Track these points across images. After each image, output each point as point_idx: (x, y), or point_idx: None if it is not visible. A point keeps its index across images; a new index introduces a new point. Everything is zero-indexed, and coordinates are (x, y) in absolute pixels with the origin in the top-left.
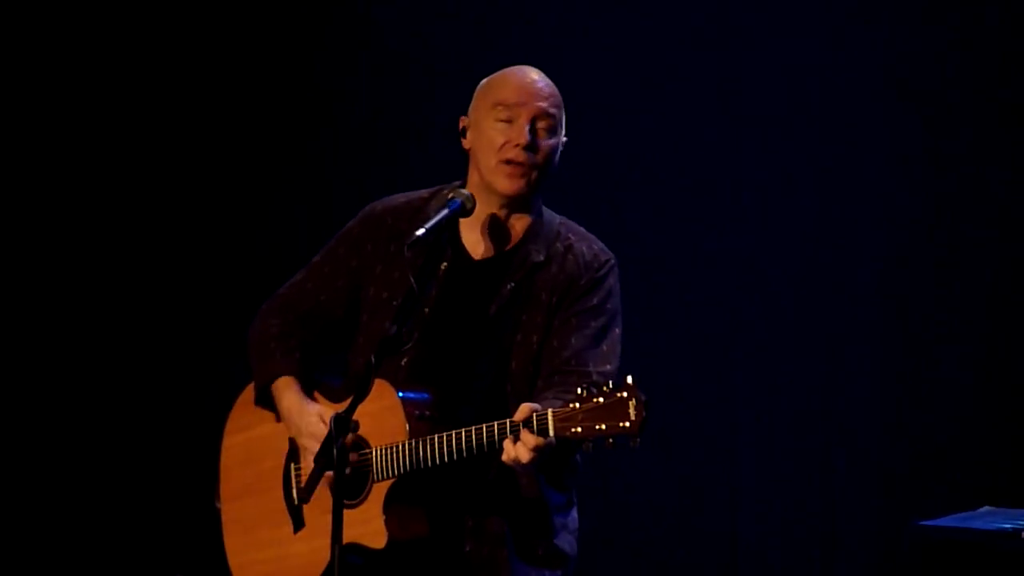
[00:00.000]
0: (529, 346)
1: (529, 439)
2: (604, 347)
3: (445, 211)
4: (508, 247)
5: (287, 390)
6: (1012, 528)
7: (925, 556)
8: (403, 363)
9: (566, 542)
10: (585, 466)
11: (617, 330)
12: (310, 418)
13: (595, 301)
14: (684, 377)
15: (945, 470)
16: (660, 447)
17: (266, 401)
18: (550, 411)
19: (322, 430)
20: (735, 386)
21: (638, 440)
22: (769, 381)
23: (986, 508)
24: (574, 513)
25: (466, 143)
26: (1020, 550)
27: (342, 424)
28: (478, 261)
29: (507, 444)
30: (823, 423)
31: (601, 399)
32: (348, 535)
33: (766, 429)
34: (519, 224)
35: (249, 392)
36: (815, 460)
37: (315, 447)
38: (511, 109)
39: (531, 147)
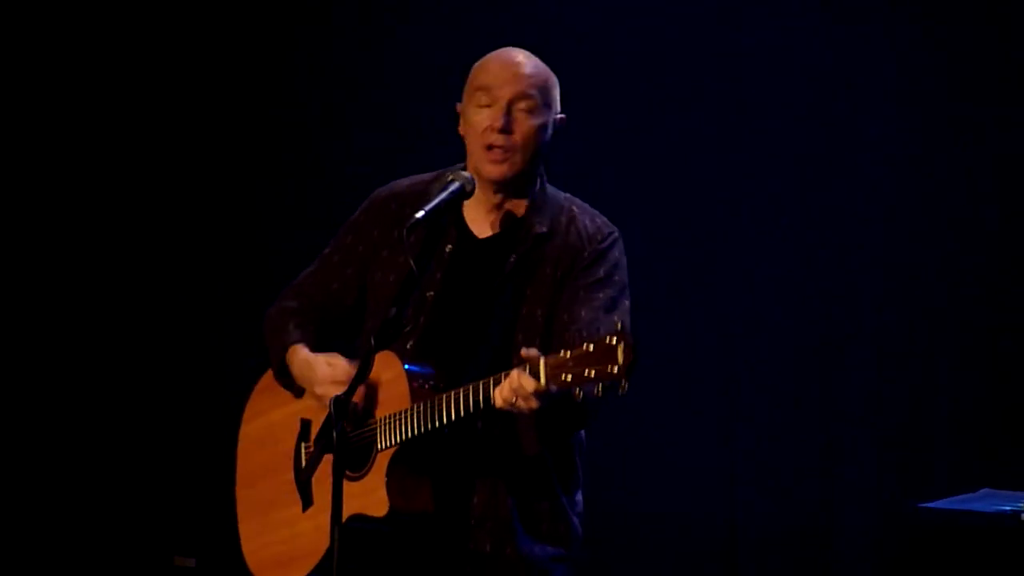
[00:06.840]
0: (534, 319)
1: (528, 382)
2: (615, 317)
3: (444, 194)
4: (511, 223)
5: (298, 354)
6: (1012, 510)
7: (925, 538)
8: (409, 346)
9: (572, 521)
10: (583, 464)
11: (626, 302)
12: (319, 367)
13: (601, 273)
14: (683, 367)
15: (945, 452)
16: (659, 438)
17: (284, 373)
18: (542, 358)
19: (330, 372)
20: (734, 370)
21: (625, 385)
22: (768, 363)
23: (986, 490)
24: (579, 496)
25: (460, 129)
26: (1020, 532)
27: (341, 407)
28: (482, 240)
29: (502, 387)
30: (823, 405)
31: (591, 345)
32: (352, 506)
33: (765, 411)
34: (520, 202)
35: (264, 380)
36: (815, 443)
37: (330, 391)
38: (490, 93)
39: (507, 130)
